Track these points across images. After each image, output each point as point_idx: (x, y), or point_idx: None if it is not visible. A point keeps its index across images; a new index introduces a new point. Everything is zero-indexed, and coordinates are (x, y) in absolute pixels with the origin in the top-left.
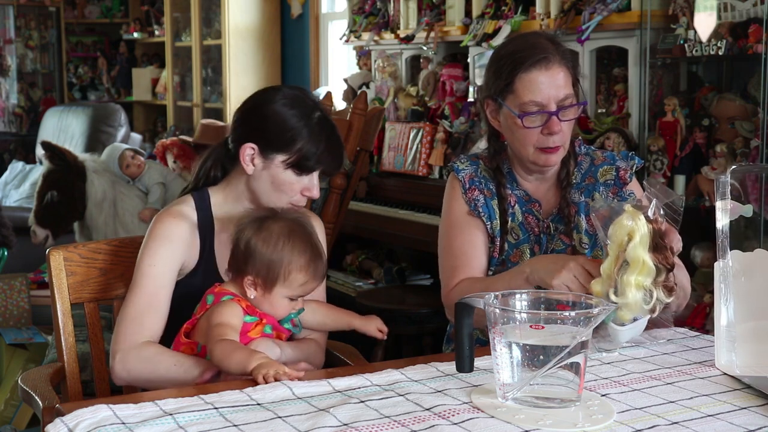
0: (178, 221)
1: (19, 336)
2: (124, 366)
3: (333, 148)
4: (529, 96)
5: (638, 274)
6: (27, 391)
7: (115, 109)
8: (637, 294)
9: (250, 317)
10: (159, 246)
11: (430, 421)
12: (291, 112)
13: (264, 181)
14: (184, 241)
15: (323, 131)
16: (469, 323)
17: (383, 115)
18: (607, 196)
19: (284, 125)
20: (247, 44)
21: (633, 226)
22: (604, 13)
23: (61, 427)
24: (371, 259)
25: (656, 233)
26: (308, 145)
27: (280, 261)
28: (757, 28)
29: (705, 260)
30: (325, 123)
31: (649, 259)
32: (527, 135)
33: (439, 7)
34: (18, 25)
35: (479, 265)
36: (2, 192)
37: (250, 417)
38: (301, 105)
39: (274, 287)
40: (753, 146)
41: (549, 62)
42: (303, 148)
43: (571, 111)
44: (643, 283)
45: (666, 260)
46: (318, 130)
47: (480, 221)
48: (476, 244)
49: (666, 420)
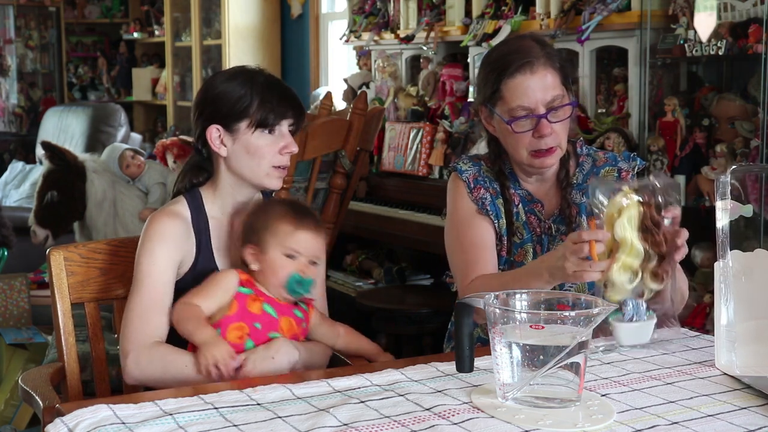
0: (172, 219)
1: (19, 336)
2: (137, 365)
3: (288, 98)
4: (516, 101)
5: (627, 254)
6: (27, 391)
7: (115, 109)
8: (623, 275)
9: (246, 289)
10: (156, 245)
11: (430, 421)
12: (235, 83)
13: (240, 155)
14: (180, 238)
15: (272, 86)
16: (469, 323)
17: (383, 115)
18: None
19: (234, 95)
20: (247, 44)
21: (623, 203)
22: (604, 13)
23: (61, 427)
24: (371, 259)
25: (647, 215)
26: (263, 102)
27: (264, 216)
28: (757, 28)
29: (705, 260)
30: (272, 79)
31: (637, 240)
32: (519, 139)
33: (439, 7)
34: (18, 25)
35: (492, 258)
36: (2, 192)
37: (250, 417)
38: (243, 73)
39: (267, 246)
40: (753, 146)
41: (533, 66)
42: (260, 106)
43: (562, 111)
44: (630, 264)
45: (656, 245)
46: (267, 87)
47: (488, 219)
48: (486, 240)
49: (666, 420)
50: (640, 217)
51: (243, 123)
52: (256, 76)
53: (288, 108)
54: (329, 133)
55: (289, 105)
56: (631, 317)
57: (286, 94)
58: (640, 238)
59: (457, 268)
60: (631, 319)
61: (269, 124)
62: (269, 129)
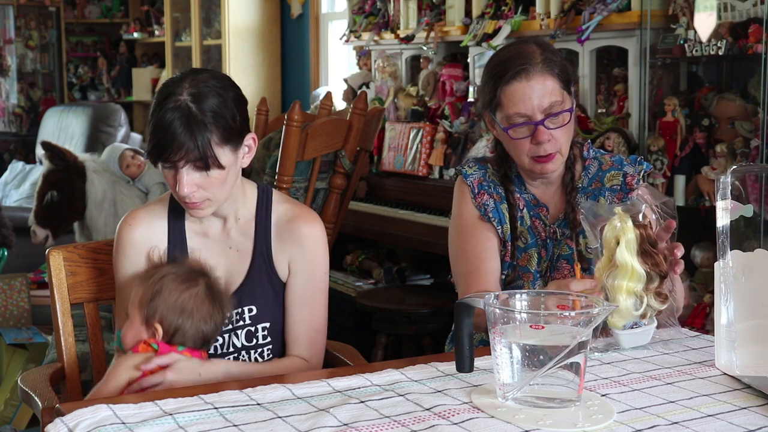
0: (132, 228)
1: (19, 336)
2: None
3: (165, 140)
4: (514, 108)
5: (628, 279)
6: (26, 391)
7: (115, 109)
8: (627, 300)
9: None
10: (119, 258)
11: (430, 421)
12: (153, 102)
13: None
14: (141, 245)
15: (157, 127)
16: (469, 323)
17: (383, 115)
18: (611, 201)
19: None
20: (247, 44)
21: (620, 229)
22: (604, 13)
23: (61, 427)
24: (371, 259)
25: (644, 238)
26: (150, 137)
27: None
28: (757, 28)
29: (705, 260)
30: (162, 118)
31: (637, 264)
32: (518, 146)
33: (439, 7)
34: (18, 25)
35: (492, 268)
36: (2, 192)
37: (250, 417)
38: (160, 93)
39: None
40: (753, 146)
41: (529, 73)
42: (149, 141)
43: (561, 117)
44: (633, 288)
45: (657, 266)
46: (155, 125)
47: (491, 226)
48: (488, 248)
49: (666, 420)
50: (638, 241)
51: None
52: (164, 99)
53: (163, 150)
54: (329, 133)
55: (164, 147)
56: (632, 325)
57: (165, 135)
58: (640, 262)
59: (459, 276)
60: (632, 327)
61: (156, 162)
62: (161, 165)
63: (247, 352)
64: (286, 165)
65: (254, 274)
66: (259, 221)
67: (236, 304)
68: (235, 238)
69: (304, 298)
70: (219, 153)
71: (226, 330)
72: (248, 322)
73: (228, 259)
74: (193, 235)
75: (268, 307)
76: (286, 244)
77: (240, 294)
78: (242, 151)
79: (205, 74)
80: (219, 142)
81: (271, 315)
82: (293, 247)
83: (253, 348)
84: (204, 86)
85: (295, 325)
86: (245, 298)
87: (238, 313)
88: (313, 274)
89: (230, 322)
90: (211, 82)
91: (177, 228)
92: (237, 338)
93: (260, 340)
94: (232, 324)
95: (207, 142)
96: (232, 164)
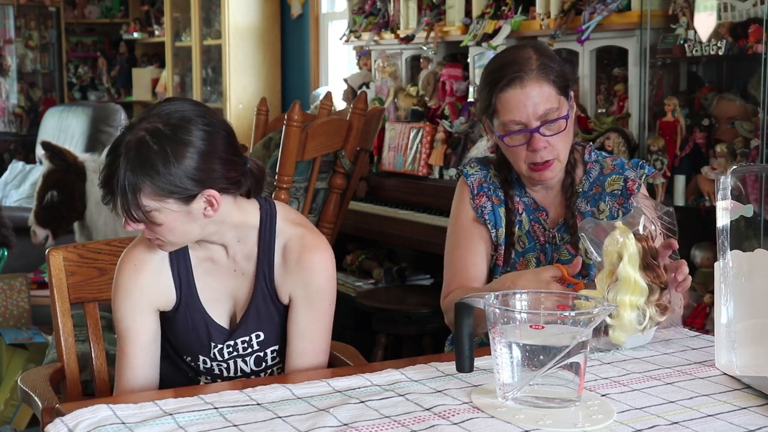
0: (137, 270)
1: (19, 336)
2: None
3: (107, 185)
4: (509, 116)
5: (631, 293)
6: (26, 391)
7: (115, 109)
8: (631, 314)
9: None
10: (121, 299)
11: (430, 421)
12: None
13: None
14: (147, 288)
15: (113, 164)
16: (469, 323)
17: (383, 115)
18: (612, 206)
19: None
20: (247, 44)
21: (622, 244)
22: (604, 13)
23: (61, 427)
24: (371, 259)
25: (646, 252)
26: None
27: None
28: (757, 28)
29: (705, 260)
30: (110, 163)
31: (640, 279)
32: (515, 153)
33: (439, 7)
34: (18, 25)
35: (475, 275)
36: (2, 192)
37: (250, 417)
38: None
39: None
40: (753, 146)
41: (523, 80)
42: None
43: (557, 124)
44: (636, 302)
45: (658, 279)
46: (110, 161)
47: (484, 228)
48: (476, 253)
49: (666, 420)
50: (640, 254)
51: None
52: (112, 152)
53: (106, 194)
54: (329, 133)
55: (107, 192)
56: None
57: (107, 180)
58: (642, 276)
59: (445, 271)
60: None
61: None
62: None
63: (257, 376)
64: (286, 165)
65: (258, 297)
66: (262, 244)
67: (244, 331)
68: (240, 261)
69: (305, 331)
70: (151, 205)
71: (232, 357)
72: (256, 348)
73: (235, 282)
74: (198, 263)
75: (275, 331)
76: (291, 275)
77: (247, 319)
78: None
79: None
80: (150, 195)
81: (279, 338)
82: (298, 279)
83: (262, 371)
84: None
85: (296, 358)
86: (252, 324)
87: (246, 341)
88: (316, 306)
89: (236, 350)
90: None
91: (180, 256)
92: (246, 364)
93: (269, 362)
94: (239, 351)
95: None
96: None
